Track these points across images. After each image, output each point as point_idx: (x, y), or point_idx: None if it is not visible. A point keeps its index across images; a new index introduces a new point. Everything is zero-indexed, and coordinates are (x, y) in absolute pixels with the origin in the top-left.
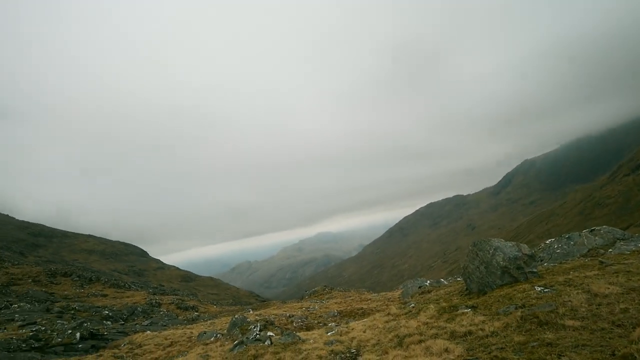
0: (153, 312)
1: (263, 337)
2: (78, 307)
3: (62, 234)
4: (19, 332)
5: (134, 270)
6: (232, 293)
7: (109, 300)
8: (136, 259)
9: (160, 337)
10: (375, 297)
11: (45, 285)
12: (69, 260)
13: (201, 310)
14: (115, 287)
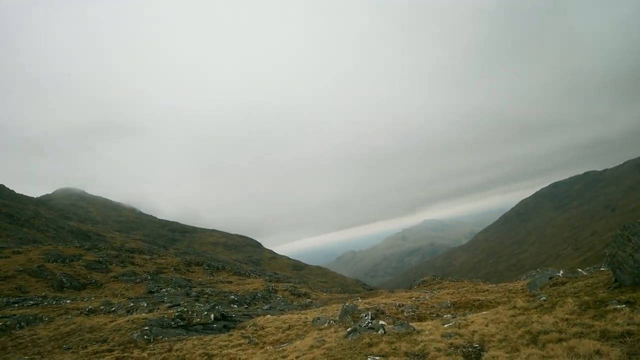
0: (271, 297)
1: (376, 325)
2: (210, 292)
3: (192, 230)
4: (168, 311)
5: (252, 259)
6: (340, 281)
7: (233, 286)
8: (252, 249)
9: (279, 320)
10: (493, 288)
11: (184, 273)
12: (199, 252)
13: (312, 297)
14: (238, 274)
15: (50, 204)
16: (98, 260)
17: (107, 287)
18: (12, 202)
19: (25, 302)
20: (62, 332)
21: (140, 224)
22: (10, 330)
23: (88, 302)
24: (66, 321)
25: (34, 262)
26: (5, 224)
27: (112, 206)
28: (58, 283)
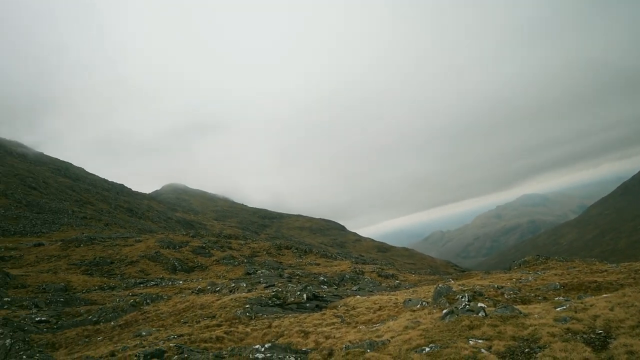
0: (358, 279)
1: (474, 307)
2: (300, 273)
3: (279, 216)
4: (265, 291)
5: (336, 242)
6: (428, 263)
7: (321, 268)
8: (337, 232)
9: (369, 301)
10: (614, 269)
11: (275, 256)
12: (287, 236)
13: (401, 279)
14: (325, 257)
15: (159, 198)
16: (202, 246)
17: (211, 269)
18: (131, 198)
19: (148, 282)
20: (179, 309)
21: (233, 212)
22: (140, 306)
23: (196, 282)
24: (181, 299)
25: (151, 249)
26: (127, 217)
27: (209, 197)
28: (172, 266)
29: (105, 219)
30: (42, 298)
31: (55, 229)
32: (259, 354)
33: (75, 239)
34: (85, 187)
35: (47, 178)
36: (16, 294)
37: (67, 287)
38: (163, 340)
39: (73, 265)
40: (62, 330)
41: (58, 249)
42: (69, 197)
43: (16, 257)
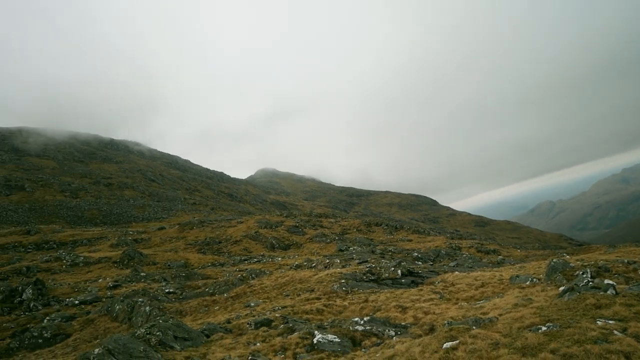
0: (455, 255)
1: (600, 284)
2: (393, 249)
3: (367, 193)
4: (359, 267)
5: (428, 218)
6: (536, 236)
7: (414, 244)
8: (428, 207)
9: (470, 277)
10: None
11: (365, 233)
12: (376, 213)
13: (504, 254)
14: (417, 233)
15: (254, 182)
16: (295, 225)
17: (305, 247)
18: (230, 184)
19: (251, 259)
20: (280, 283)
21: (321, 191)
22: (246, 280)
23: (293, 259)
24: (281, 274)
25: (252, 229)
26: (228, 201)
27: (298, 179)
28: (270, 244)
29: (211, 203)
30: (169, 273)
31: (173, 215)
32: (359, 326)
33: (189, 223)
34: (192, 176)
35: (162, 171)
36: (149, 269)
37: (186, 264)
38: (269, 310)
39: (189, 245)
40: (186, 300)
41: (176, 232)
42: (180, 187)
43: (146, 239)
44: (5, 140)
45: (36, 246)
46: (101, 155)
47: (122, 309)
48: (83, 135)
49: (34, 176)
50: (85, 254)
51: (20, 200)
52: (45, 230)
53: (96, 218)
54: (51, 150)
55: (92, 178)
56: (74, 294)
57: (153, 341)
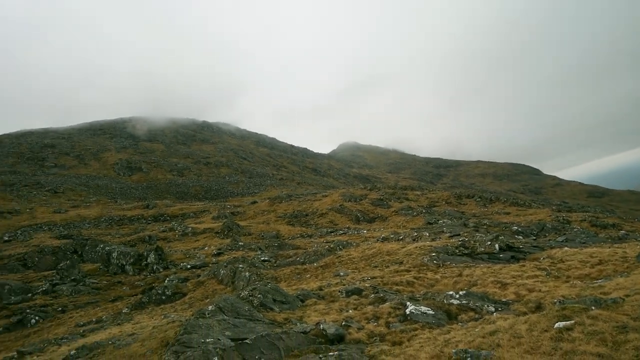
0: (564, 229)
1: None
2: (488, 223)
3: (455, 163)
4: (450, 241)
5: (529, 188)
6: None
7: (512, 217)
8: (529, 177)
9: (583, 254)
10: None
11: (455, 206)
12: (466, 184)
13: (626, 229)
14: (516, 205)
15: (336, 157)
16: (379, 198)
17: (391, 219)
18: (314, 159)
19: (337, 231)
20: (367, 254)
21: (405, 163)
22: (334, 251)
23: (379, 232)
24: (368, 246)
25: (336, 202)
26: (312, 176)
27: (380, 152)
28: (355, 217)
29: (297, 178)
30: (263, 243)
31: (263, 190)
32: (454, 300)
33: (278, 197)
34: (279, 153)
35: (251, 149)
36: (245, 239)
37: (277, 235)
38: (359, 280)
39: (279, 217)
40: (280, 267)
41: (267, 205)
42: (268, 163)
43: (241, 212)
44: (123, 128)
45: (154, 218)
46: (199, 137)
47: (226, 274)
48: (180, 120)
49: (148, 158)
50: (192, 225)
51: (140, 179)
52: (160, 205)
53: (199, 194)
54: (159, 135)
55: (194, 158)
56: (186, 259)
57: (255, 302)
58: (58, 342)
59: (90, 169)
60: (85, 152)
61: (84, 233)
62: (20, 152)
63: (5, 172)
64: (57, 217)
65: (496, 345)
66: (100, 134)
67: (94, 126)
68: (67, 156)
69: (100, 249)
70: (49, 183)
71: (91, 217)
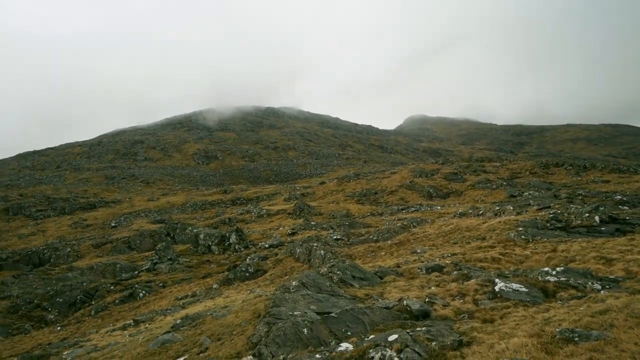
0: None
1: None
2: (583, 193)
3: (539, 129)
4: (539, 214)
5: (633, 152)
6: None
7: (612, 186)
8: (633, 139)
9: None
10: None
11: (541, 176)
12: (554, 152)
13: None
14: (617, 172)
15: (403, 132)
16: (453, 172)
17: (467, 194)
18: (380, 136)
19: (409, 208)
20: (444, 231)
21: (480, 133)
22: (408, 228)
23: (454, 207)
24: (444, 222)
25: (406, 179)
26: (379, 153)
27: (450, 122)
28: (427, 193)
29: (363, 157)
30: (334, 222)
31: (330, 170)
32: (550, 276)
33: (345, 176)
34: (343, 133)
35: (316, 131)
36: (317, 219)
37: (347, 214)
38: (438, 257)
39: (348, 197)
40: (353, 245)
41: (335, 185)
42: (333, 143)
43: (311, 193)
44: (197, 121)
45: (232, 202)
46: (266, 123)
47: (301, 252)
48: (246, 107)
49: (222, 147)
50: (266, 207)
51: (216, 167)
52: (236, 190)
53: (270, 177)
54: (230, 124)
55: (262, 144)
56: (264, 239)
57: (335, 279)
58: (164, 313)
59: (174, 160)
60: (168, 145)
61: (173, 218)
62: (117, 149)
63: (106, 167)
64: (151, 204)
65: (609, 326)
66: (179, 128)
67: (173, 121)
68: (154, 150)
69: (189, 231)
70: (142, 175)
71: (178, 204)
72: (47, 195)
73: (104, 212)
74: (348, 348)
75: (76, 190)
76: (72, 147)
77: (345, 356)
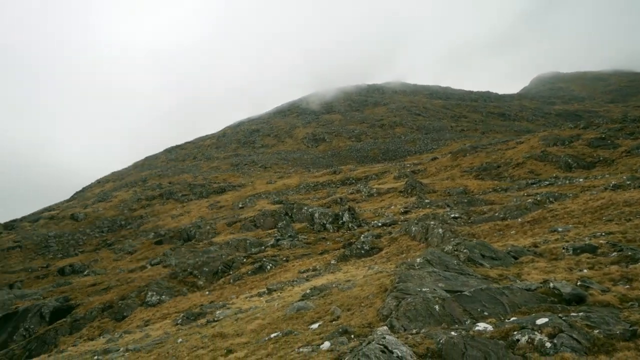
0: None
1: None
2: None
3: None
4: None
5: None
6: None
7: None
8: None
9: None
10: None
11: None
12: None
13: None
14: None
15: (529, 95)
16: (599, 137)
17: (620, 163)
18: (500, 102)
19: (541, 182)
20: (592, 206)
21: (636, 87)
22: (543, 204)
23: (603, 179)
24: (592, 196)
25: (536, 149)
26: (499, 122)
27: (593, 77)
28: (565, 164)
29: (480, 127)
30: (450, 200)
31: (442, 144)
32: None
33: (460, 150)
34: (456, 102)
35: (424, 103)
36: (430, 197)
37: (465, 191)
38: (587, 236)
39: (464, 172)
40: (476, 224)
41: (449, 160)
42: (444, 115)
43: (422, 170)
44: (303, 106)
45: (341, 182)
46: (371, 101)
47: (417, 230)
48: (348, 87)
49: (328, 129)
50: (376, 186)
51: (324, 149)
52: (345, 170)
53: (377, 156)
54: (335, 106)
55: (368, 122)
56: (376, 218)
57: (461, 257)
58: (291, 284)
59: (286, 145)
60: (280, 131)
61: (290, 198)
62: (238, 139)
63: (231, 155)
64: (269, 187)
65: None
66: (288, 115)
67: (282, 109)
68: (269, 137)
69: (305, 210)
70: (260, 160)
71: (293, 185)
72: (189, 182)
73: (232, 195)
74: (487, 328)
75: (209, 177)
76: (204, 140)
77: (484, 336)
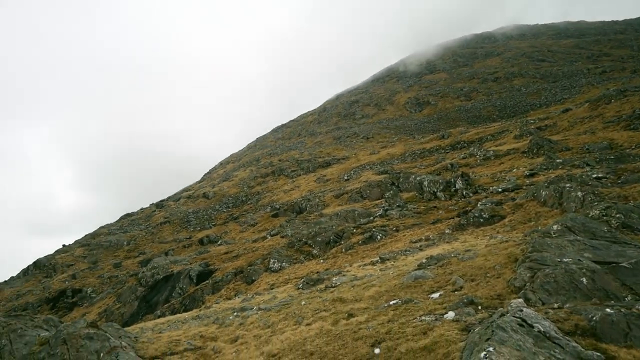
0: None
1: None
2: None
3: None
4: None
5: None
6: None
7: None
8: None
9: None
10: None
11: None
12: None
13: None
14: None
15: None
16: None
17: None
18: None
19: None
20: None
21: None
22: None
23: None
24: None
25: None
26: None
27: None
28: None
29: (629, 65)
30: (590, 157)
31: (576, 92)
32: None
33: (602, 96)
34: (592, 39)
35: (549, 46)
36: (563, 155)
37: (610, 145)
38: None
39: (608, 123)
40: (628, 184)
41: (586, 110)
42: (578, 57)
43: (550, 125)
44: (402, 69)
45: (451, 147)
46: (481, 53)
47: (548, 194)
48: (451, 42)
49: (433, 91)
50: (492, 148)
51: (430, 112)
52: (454, 133)
53: (492, 114)
54: (438, 64)
55: (479, 77)
56: (494, 183)
57: (613, 223)
58: (404, 253)
59: (387, 113)
60: (380, 99)
61: (395, 168)
62: (338, 112)
63: (333, 129)
64: (373, 157)
65: None
66: (387, 80)
67: (380, 75)
68: (369, 106)
69: (413, 179)
70: (362, 131)
71: (397, 154)
72: (296, 159)
73: (337, 168)
74: None
75: (314, 152)
76: (306, 116)
77: None
